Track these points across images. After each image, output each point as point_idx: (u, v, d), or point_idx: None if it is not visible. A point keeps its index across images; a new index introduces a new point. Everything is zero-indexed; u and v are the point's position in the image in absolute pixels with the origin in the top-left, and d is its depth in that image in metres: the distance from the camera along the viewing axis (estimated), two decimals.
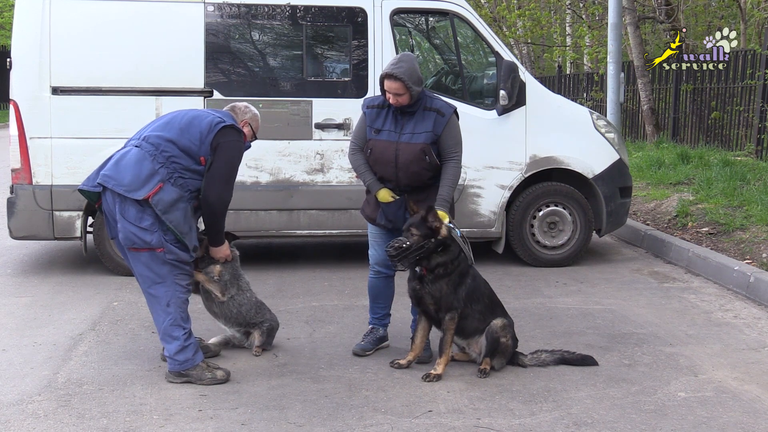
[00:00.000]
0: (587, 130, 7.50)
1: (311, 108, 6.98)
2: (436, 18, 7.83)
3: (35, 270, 7.16)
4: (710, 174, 9.87)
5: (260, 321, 5.02)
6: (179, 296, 4.51)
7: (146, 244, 4.39)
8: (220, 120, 4.61)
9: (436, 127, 4.75)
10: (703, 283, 6.84)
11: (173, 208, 4.39)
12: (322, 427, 3.96)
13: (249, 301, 5.00)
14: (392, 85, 4.67)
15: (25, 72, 6.68)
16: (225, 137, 4.57)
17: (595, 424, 4.00)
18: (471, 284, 4.72)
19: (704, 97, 13.42)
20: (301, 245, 8.34)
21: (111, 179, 4.41)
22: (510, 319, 4.85)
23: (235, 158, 4.66)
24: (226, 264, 4.92)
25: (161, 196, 4.36)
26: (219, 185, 4.57)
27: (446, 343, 4.67)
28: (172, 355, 4.48)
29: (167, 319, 4.48)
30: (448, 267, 4.64)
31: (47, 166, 6.73)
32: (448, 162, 4.79)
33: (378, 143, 4.79)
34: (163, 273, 4.46)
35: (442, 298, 4.64)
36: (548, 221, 7.42)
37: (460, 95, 7.22)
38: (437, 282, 4.63)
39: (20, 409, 4.14)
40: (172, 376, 4.52)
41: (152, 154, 4.43)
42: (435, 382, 4.54)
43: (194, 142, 4.50)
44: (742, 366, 4.84)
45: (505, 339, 4.69)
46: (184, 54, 6.84)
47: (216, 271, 4.89)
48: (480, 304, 4.75)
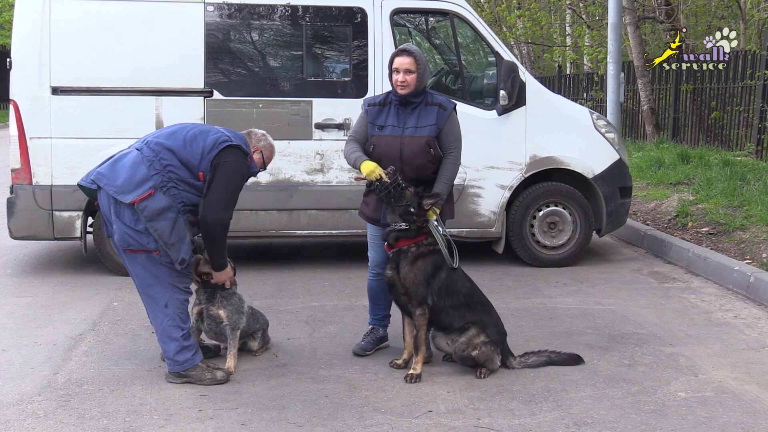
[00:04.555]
0: (587, 130, 7.50)
1: (311, 108, 6.98)
2: (436, 18, 7.83)
3: (35, 270, 7.16)
4: (710, 174, 9.87)
5: (256, 329, 5.01)
6: (177, 297, 4.49)
7: (142, 246, 4.37)
8: (226, 139, 4.51)
9: (439, 120, 4.78)
10: (703, 283, 6.84)
11: (160, 217, 4.32)
12: (322, 427, 3.96)
13: (247, 316, 4.93)
14: (404, 60, 4.70)
15: (25, 72, 6.68)
16: (228, 157, 4.47)
17: (595, 424, 4.00)
18: (444, 279, 4.67)
19: (704, 97, 13.43)
20: (301, 245, 8.35)
21: (104, 178, 4.40)
22: (489, 315, 4.77)
23: (236, 180, 4.53)
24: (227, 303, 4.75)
25: (148, 203, 4.31)
26: (217, 206, 4.44)
27: (420, 339, 4.64)
28: (171, 356, 4.47)
29: (165, 320, 4.46)
30: (411, 249, 4.62)
31: (47, 166, 6.73)
32: (447, 157, 4.81)
33: (382, 139, 4.79)
34: (160, 274, 4.43)
35: (411, 287, 4.61)
36: (548, 221, 7.42)
37: (460, 95, 7.22)
38: (407, 267, 4.59)
39: (20, 409, 4.14)
40: (172, 377, 4.52)
41: (150, 160, 4.40)
42: (416, 382, 4.51)
43: (195, 156, 4.43)
44: (742, 366, 4.84)
45: (477, 351, 4.61)
46: (184, 54, 6.84)
47: (222, 317, 4.71)
48: (453, 299, 4.68)
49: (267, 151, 4.86)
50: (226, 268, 4.69)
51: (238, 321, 4.77)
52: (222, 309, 4.72)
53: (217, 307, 4.72)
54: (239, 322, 4.78)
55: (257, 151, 4.78)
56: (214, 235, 4.51)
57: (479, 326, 4.69)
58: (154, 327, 4.60)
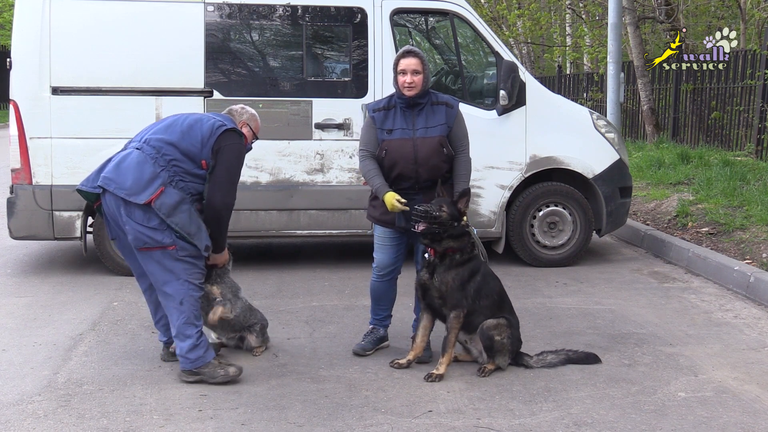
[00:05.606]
0: (587, 130, 7.50)
1: (311, 108, 6.98)
2: (436, 18, 7.83)
3: (35, 270, 7.16)
4: (710, 174, 9.87)
5: (253, 323, 5.02)
6: (192, 294, 4.49)
7: (157, 243, 4.38)
8: (221, 124, 4.59)
9: (448, 119, 4.81)
10: (703, 283, 6.84)
11: (177, 211, 4.37)
12: (322, 427, 3.96)
13: (243, 306, 4.99)
14: (411, 61, 4.72)
15: (25, 72, 6.68)
16: (226, 141, 4.56)
17: (595, 424, 4.00)
18: (480, 281, 4.72)
19: (704, 97, 13.43)
20: (301, 245, 8.35)
21: (112, 182, 4.40)
22: (515, 318, 4.84)
23: (237, 162, 4.66)
24: (221, 281, 4.87)
25: (163, 199, 4.35)
26: (222, 190, 4.56)
27: (449, 342, 4.65)
28: (184, 353, 4.46)
29: (181, 318, 4.46)
30: (456, 257, 4.66)
31: (47, 166, 6.73)
32: (459, 155, 4.84)
33: (393, 143, 4.78)
34: (176, 270, 4.44)
35: (448, 293, 4.64)
36: (548, 221, 7.42)
37: (460, 95, 7.21)
38: (446, 273, 4.63)
39: (20, 409, 4.14)
40: (185, 375, 4.50)
41: (153, 157, 4.42)
42: (436, 382, 4.54)
43: (195, 146, 4.49)
44: (742, 366, 4.84)
45: (500, 337, 4.66)
46: (184, 54, 6.84)
47: (216, 292, 4.84)
48: (488, 300, 4.74)
49: (252, 122, 4.91)
50: (225, 250, 4.79)
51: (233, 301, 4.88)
52: (215, 285, 4.83)
53: (211, 284, 4.81)
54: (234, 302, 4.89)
55: (244, 125, 4.85)
56: (221, 219, 4.63)
57: (508, 321, 4.75)
58: (169, 323, 4.57)
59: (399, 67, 4.77)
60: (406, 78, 4.73)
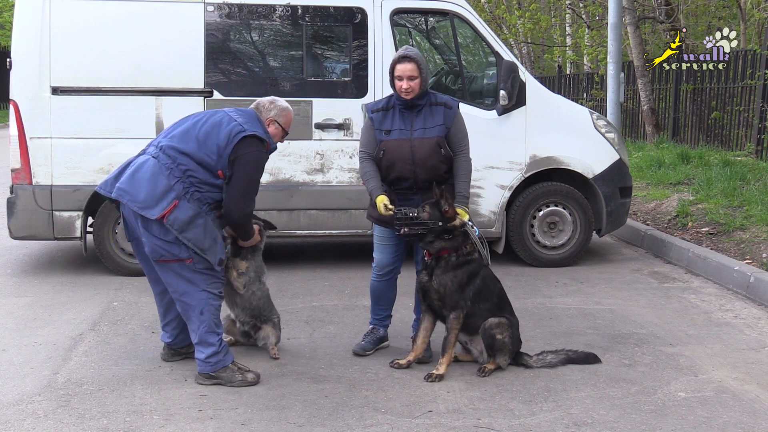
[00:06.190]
0: (587, 130, 7.50)
1: (311, 108, 6.98)
2: (436, 18, 7.83)
3: (35, 270, 7.16)
4: (710, 174, 9.87)
5: (271, 315, 5.03)
6: (212, 303, 4.47)
7: (174, 256, 4.34)
8: (240, 130, 4.42)
9: (446, 120, 4.80)
10: (703, 283, 6.84)
11: (191, 226, 4.30)
12: (322, 427, 3.96)
13: (265, 294, 5.02)
14: (407, 66, 4.70)
15: (25, 72, 6.68)
16: (243, 149, 4.42)
17: (595, 424, 4.00)
18: (480, 284, 4.72)
19: (704, 97, 13.43)
20: (301, 245, 8.34)
21: (126, 194, 4.33)
22: (515, 319, 4.84)
23: (256, 171, 4.54)
24: (251, 258, 4.91)
25: (176, 214, 4.27)
26: (240, 200, 4.47)
27: (449, 342, 4.66)
28: (204, 358, 4.45)
29: (202, 327, 4.44)
30: (452, 258, 4.65)
31: (47, 166, 6.73)
32: (459, 156, 4.83)
33: (390, 143, 4.79)
34: (195, 280, 4.41)
35: (447, 295, 4.64)
36: (548, 221, 7.42)
37: (460, 95, 7.22)
38: (444, 276, 4.63)
39: (20, 409, 4.14)
40: (203, 377, 4.49)
41: (168, 168, 4.33)
42: (436, 382, 4.54)
43: (211, 156, 4.38)
44: (742, 366, 4.84)
45: (501, 336, 4.67)
46: (184, 54, 6.84)
47: (243, 266, 4.88)
48: (488, 303, 4.74)
49: (282, 117, 4.67)
50: (255, 235, 4.83)
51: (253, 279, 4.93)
52: (244, 260, 4.90)
53: (241, 258, 4.88)
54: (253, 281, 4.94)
55: (271, 122, 4.64)
56: (243, 227, 4.67)
57: (509, 321, 4.76)
58: (190, 331, 4.54)
59: (395, 72, 4.75)
60: (403, 84, 4.73)
